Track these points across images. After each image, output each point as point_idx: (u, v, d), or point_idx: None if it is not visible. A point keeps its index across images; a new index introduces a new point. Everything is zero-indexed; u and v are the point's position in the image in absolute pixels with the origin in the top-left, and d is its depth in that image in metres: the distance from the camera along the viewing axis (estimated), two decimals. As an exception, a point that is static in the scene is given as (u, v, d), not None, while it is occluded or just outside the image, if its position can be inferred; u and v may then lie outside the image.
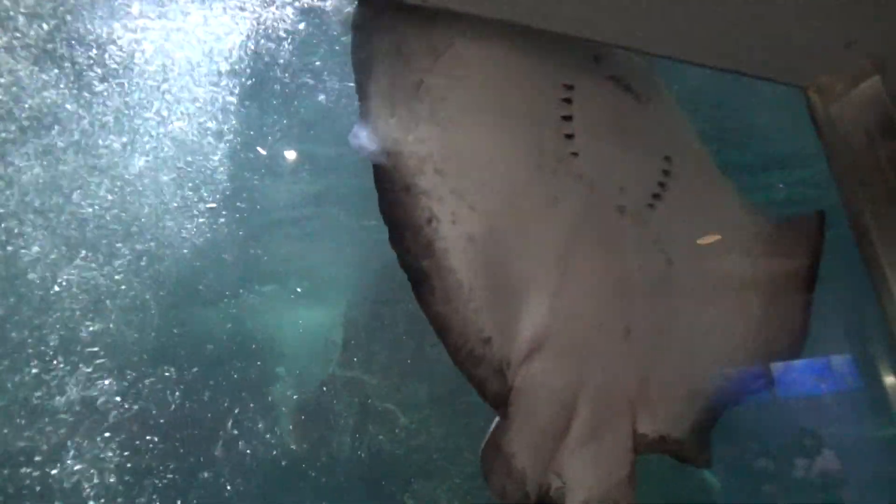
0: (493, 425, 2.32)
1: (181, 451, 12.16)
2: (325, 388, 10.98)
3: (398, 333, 10.96)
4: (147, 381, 12.60)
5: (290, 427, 11.52)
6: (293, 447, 11.21)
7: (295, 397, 12.48)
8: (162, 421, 12.31)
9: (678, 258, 2.50)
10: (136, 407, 12.31)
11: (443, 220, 2.13)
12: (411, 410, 10.37)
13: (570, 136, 2.36)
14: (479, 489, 9.63)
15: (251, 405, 13.01)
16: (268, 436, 12.33)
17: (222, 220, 11.60)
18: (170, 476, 11.82)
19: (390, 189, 2.09)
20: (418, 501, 9.66)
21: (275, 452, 11.85)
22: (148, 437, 12.13)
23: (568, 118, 2.37)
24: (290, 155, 10.35)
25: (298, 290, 14.33)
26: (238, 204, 11.28)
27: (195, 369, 12.93)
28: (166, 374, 12.79)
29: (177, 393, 12.71)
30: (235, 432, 12.53)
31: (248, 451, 12.28)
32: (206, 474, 11.96)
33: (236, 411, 12.81)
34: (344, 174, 10.49)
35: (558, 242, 2.29)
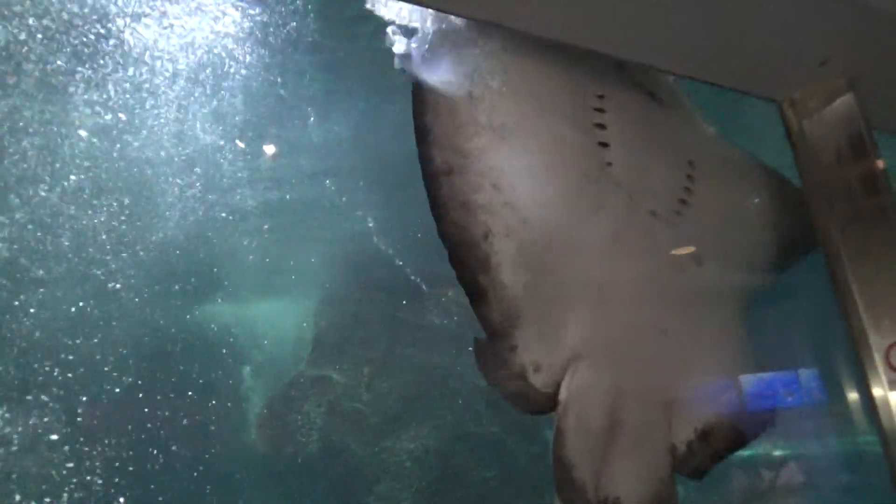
0: (553, 438, 2.32)
1: (147, 448, 11.98)
2: (293, 387, 10.87)
3: (369, 333, 10.91)
4: (113, 378, 12.40)
5: (257, 425, 11.39)
6: (259, 445, 11.09)
7: (263, 395, 12.35)
8: (128, 418, 12.12)
9: (707, 257, 2.55)
10: (101, 404, 12.10)
11: (498, 235, 2.15)
12: (380, 411, 10.32)
13: (604, 145, 2.42)
14: (445, 491, 9.62)
15: (218, 403, 12.86)
16: (234, 434, 12.20)
17: (193, 218, 11.45)
18: (134, 473, 11.63)
19: (449, 206, 2.12)
20: (382, 501, 9.60)
21: (241, 450, 11.72)
22: (112, 435, 11.93)
23: (602, 126, 2.43)
24: (267, 152, 10.23)
25: (269, 288, 14.19)
26: (209, 201, 11.14)
27: (162, 367, 12.75)
28: (133, 371, 12.60)
29: (144, 390, 12.51)
30: (202, 429, 12.37)
31: (214, 449, 12.13)
32: (170, 472, 11.79)
33: (203, 408, 12.65)
34: (319, 175, 10.42)
35: (601, 250, 2.33)
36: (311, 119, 9.06)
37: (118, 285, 12.11)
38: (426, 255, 11.30)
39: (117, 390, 12.40)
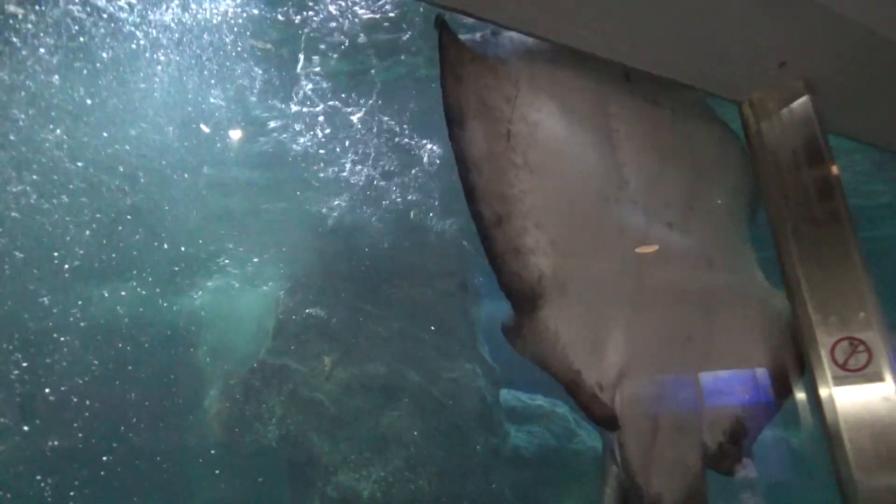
0: (616, 449, 2.42)
1: (104, 435, 11.77)
2: (253, 376, 10.74)
3: (331, 324, 10.84)
4: (71, 365, 12.15)
5: (216, 413, 11.24)
6: (218, 433, 10.95)
7: (222, 384, 12.20)
8: (85, 405, 11.89)
9: (716, 258, 2.64)
10: (60, 391, 11.86)
11: (548, 274, 2.24)
12: (340, 401, 10.27)
13: (620, 160, 2.50)
14: (404, 482, 9.63)
15: (177, 391, 12.68)
16: (193, 421, 12.03)
17: (153, 204, 11.23)
18: (91, 460, 11.42)
19: (505, 256, 2.21)
20: (341, 493, 9.57)
21: (199, 438, 11.57)
22: (70, 422, 11.71)
23: (616, 145, 2.50)
24: (233, 138, 10.07)
25: (230, 277, 14.00)
26: (171, 188, 10.94)
27: (121, 354, 12.53)
28: (91, 358, 12.36)
29: (102, 377, 12.29)
30: (161, 417, 12.19)
31: (173, 437, 11.96)
32: (128, 459, 11.60)
33: (162, 396, 12.47)
34: (283, 166, 10.32)
35: (629, 270, 2.43)
36: (279, 105, 8.96)
37: (75, 272, 11.86)
38: (389, 247, 11.28)
39: (75, 377, 12.16)
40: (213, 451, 11.05)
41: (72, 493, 11.29)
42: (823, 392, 2.19)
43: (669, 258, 2.52)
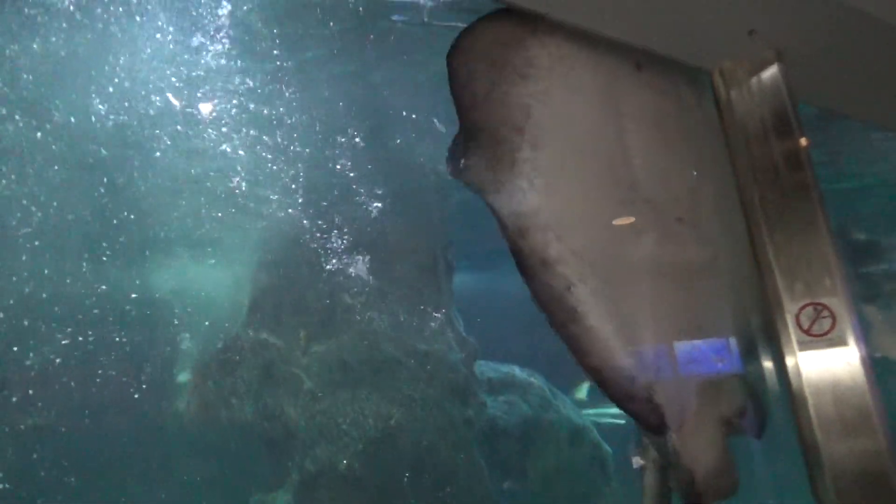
0: (676, 449, 2.45)
1: (79, 412, 11.67)
2: (228, 350, 10.69)
3: (307, 297, 10.80)
4: (45, 340, 11.98)
5: (191, 389, 11.19)
6: (193, 408, 10.91)
7: (197, 358, 12.12)
8: (60, 381, 11.76)
9: (721, 250, 2.68)
10: (31, 367, 11.71)
11: (577, 283, 2.29)
12: (317, 375, 10.28)
13: (630, 159, 2.51)
14: (382, 454, 9.71)
15: (152, 366, 12.59)
16: (168, 397, 11.97)
17: (128, 178, 11.04)
18: (65, 437, 11.33)
19: (534, 268, 2.27)
20: (318, 466, 9.63)
21: (174, 414, 11.52)
22: (43, 398, 11.58)
23: (627, 145, 2.51)
24: (203, 111, 9.90)
25: (205, 250, 13.85)
26: (146, 162, 10.76)
27: (96, 330, 12.38)
28: (66, 334, 12.19)
29: (77, 353, 12.14)
30: (135, 392, 12.11)
31: (148, 413, 11.89)
32: (103, 436, 11.53)
33: (137, 371, 12.37)
34: (254, 139, 10.19)
35: (649, 269, 2.47)
36: (251, 87, 8.84)
37: (45, 247, 11.66)
38: (365, 221, 11.23)
39: (50, 353, 12.00)
40: (188, 428, 11.02)
41: (42, 474, 11.21)
42: (788, 357, 2.23)
43: (682, 252, 2.57)
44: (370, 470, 9.61)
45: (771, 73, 2.53)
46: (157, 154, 10.63)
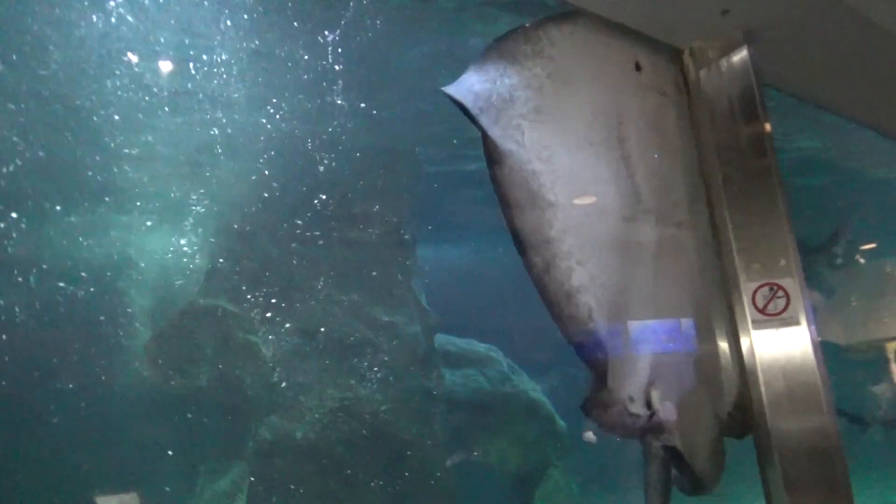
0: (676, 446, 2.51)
1: (30, 378, 11.36)
2: (185, 316, 10.50)
3: (266, 265, 10.65)
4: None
5: (146, 356, 10.98)
6: (148, 375, 10.73)
7: (152, 324, 11.91)
8: (8, 346, 11.41)
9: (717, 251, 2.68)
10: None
11: (595, 310, 2.32)
12: (275, 344, 10.20)
13: (633, 169, 2.51)
14: (339, 423, 9.72)
15: (106, 330, 12.30)
16: (122, 363, 11.75)
17: (85, 136, 10.69)
18: (16, 404, 11.03)
19: (560, 303, 2.28)
20: (274, 434, 9.60)
21: (128, 380, 11.32)
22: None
23: (627, 154, 2.51)
24: (162, 70, 9.61)
25: (163, 213, 13.52)
26: (103, 121, 10.42)
27: (47, 293, 12.02)
28: (16, 297, 11.81)
29: (27, 317, 11.78)
30: (88, 357, 11.83)
31: (101, 378, 11.64)
32: (55, 402, 11.26)
33: (90, 336, 12.07)
34: (217, 104, 9.98)
35: (654, 278, 2.49)
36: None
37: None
38: (329, 190, 11.10)
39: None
40: (141, 392, 10.85)
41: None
42: (743, 335, 2.28)
43: (683, 258, 2.59)
44: (327, 440, 9.62)
45: (740, 55, 2.54)
46: (117, 118, 10.32)
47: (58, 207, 12.16)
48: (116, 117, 10.30)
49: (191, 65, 9.34)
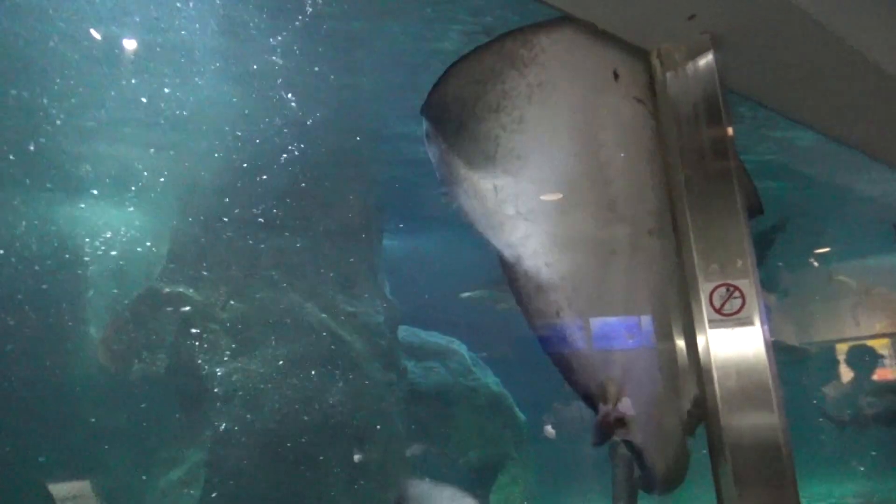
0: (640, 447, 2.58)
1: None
2: (143, 301, 10.29)
3: (230, 252, 10.49)
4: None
5: (100, 340, 10.75)
6: (103, 359, 10.51)
7: (109, 308, 11.65)
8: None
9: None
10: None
11: (564, 307, 2.42)
12: (235, 332, 10.07)
13: (608, 177, 2.56)
14: (298, 413, 9.66)
15: (61, 313, 11.99)
16: (76, 346, 11.48)
17: (42, 112, 10.36)
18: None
19: (529, 295, 2.39)
20: (232, 423, 9.50)
21: (83, 364, 11.07)
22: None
23: (604, 163, 2.56)
24: (127, 48, 9.37)
25: (123, 194, 13.20)
26: (57, 95, 10.11)
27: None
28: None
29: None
30: (41, 340, 11.52)
31: (55, 362, 11.35)
32: (3, 394, 10.93)
33: (43, 318, 11.75)
34: (191, 81, 9.77)
35: (625, 284, 2.56)
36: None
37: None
38: (296, 177, 10.98)
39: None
40: (95, 378, 10.62)
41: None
42: (700, 333, 2.35)
43: (654, 266, 2.64)
44: (286, 430, 9.55)
45: (706, 59, 2.59)
46: (81, 89, 10.02)
47: (10, 185, 11.80)
48: (81, 89, 10.00)
49: (155, 39, 9.12)
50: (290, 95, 9.98)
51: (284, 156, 10.82)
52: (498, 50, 2.41)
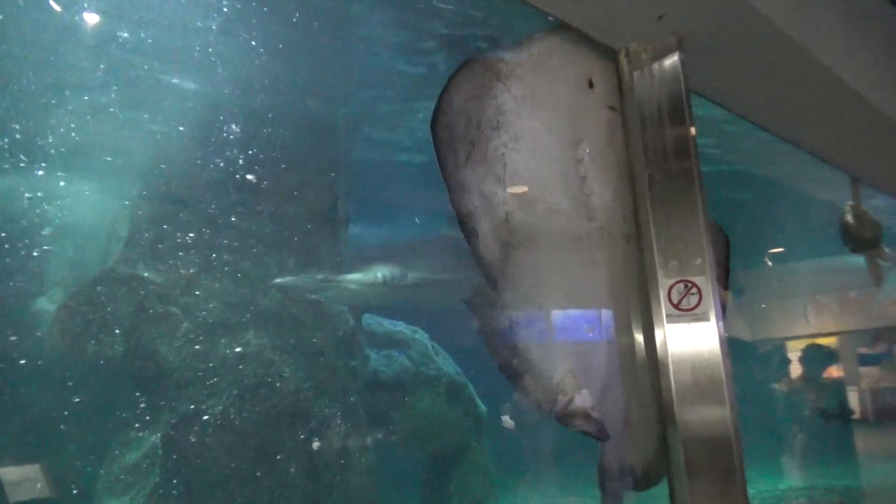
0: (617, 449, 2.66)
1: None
2: (99, 283, 10.05)
3: (192, 235, 10.32)
4: None
5: (56, 320, 10.46)
6: (58, 342, 10.23)
7: (64, 289, 11.35)
8: None
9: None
10: None
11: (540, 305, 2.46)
12: (196, 316, 9.92)
13: (583, 178, 2.62)
14: (260, 399, 9.59)
15: (11, 293, 11.65)
16: (29, 328, 11.17)
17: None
18: None
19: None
20: (190, 408, 9.38)
21: (35, 346, 10.78)
22: None
23: (583, 175, 2.62)
24: (88, 22, 9.12)
25: (81, 171, 12.86)
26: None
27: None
28: None
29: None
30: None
31: (5, 344, 11.03)
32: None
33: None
34: (154, 54, 9.55)
35: (601, 293, 2.63)
36: None
37: None
38: (261, 160, 10.85)
39: None
40: (51, 361, 10.36)
41: None
42: (657, 328, 2.41)
43: (631, 272, 2.68)
44: (246, 415, 9.47)
45: (672, 60, 2.64)
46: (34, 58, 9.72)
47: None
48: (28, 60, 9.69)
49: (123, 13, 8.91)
50: (256, 77, 9.84)
51: (253, 137, 10.68)
52: (493, 60, 2.45)
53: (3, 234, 11.89)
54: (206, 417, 9.34)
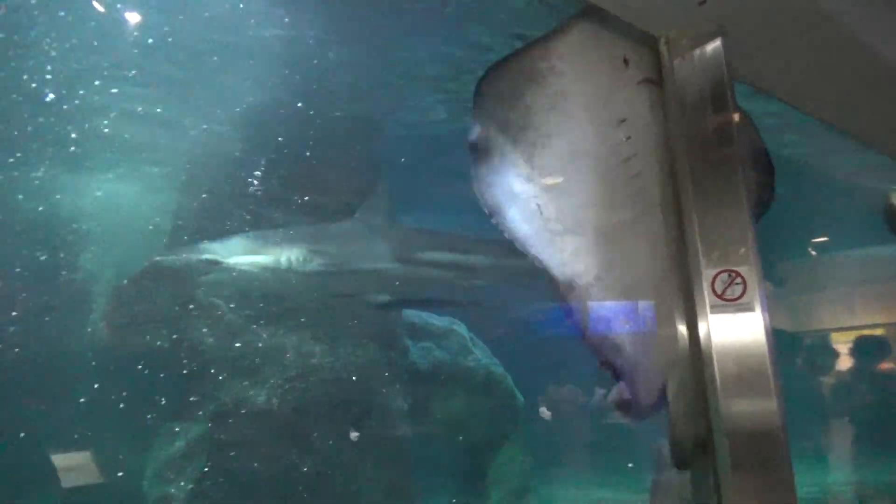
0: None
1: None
2: (146, 276, 10.31)
3: (233, 226, 10.47)
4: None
5: (103, 317, 10.78)
6: (105, 336, 10.55)
7: (111, 283, 11.68)
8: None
9: None
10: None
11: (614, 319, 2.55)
12: (239, 307, 10.10)
13: (628, 159, 2.65)
14: (299, 390, 9.74)
15: (60, 288, 12.02)
16: (78, 322, 11.51)
17: (36, 81, 10.31)
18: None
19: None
20: (234, 398, 9.58)
21: (85, 340, 11.11)
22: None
23: (629, 156, 2.64)
24: (130, 20, 9.33)
25: (126, 168, 13.20)
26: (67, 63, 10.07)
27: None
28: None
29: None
30: (42, 316, 11.55)
31: (55, 337, 11.39)
32: (5, 367, 10.97)
33: (44, 294, 11.79)
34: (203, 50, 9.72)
35: (657, 283, 2.65)
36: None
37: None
38: (303, 151, 10.95)
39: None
40: (99, 354, 10.67)
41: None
42: (701, 318, 2.38)
43: (672, 251, 2.68)
44: (288, 406, 9.64)
45: (714, 47, 2.59)
46: (76, 66, 9.98)
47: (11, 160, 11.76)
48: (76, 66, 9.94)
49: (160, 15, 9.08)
50: (298, 66, 9.91)
51: (292, 127, 10.77)
52: (531, 59, 2.49)
53: (63, 231, 12.29)
54: (249, 408, 9.53)
